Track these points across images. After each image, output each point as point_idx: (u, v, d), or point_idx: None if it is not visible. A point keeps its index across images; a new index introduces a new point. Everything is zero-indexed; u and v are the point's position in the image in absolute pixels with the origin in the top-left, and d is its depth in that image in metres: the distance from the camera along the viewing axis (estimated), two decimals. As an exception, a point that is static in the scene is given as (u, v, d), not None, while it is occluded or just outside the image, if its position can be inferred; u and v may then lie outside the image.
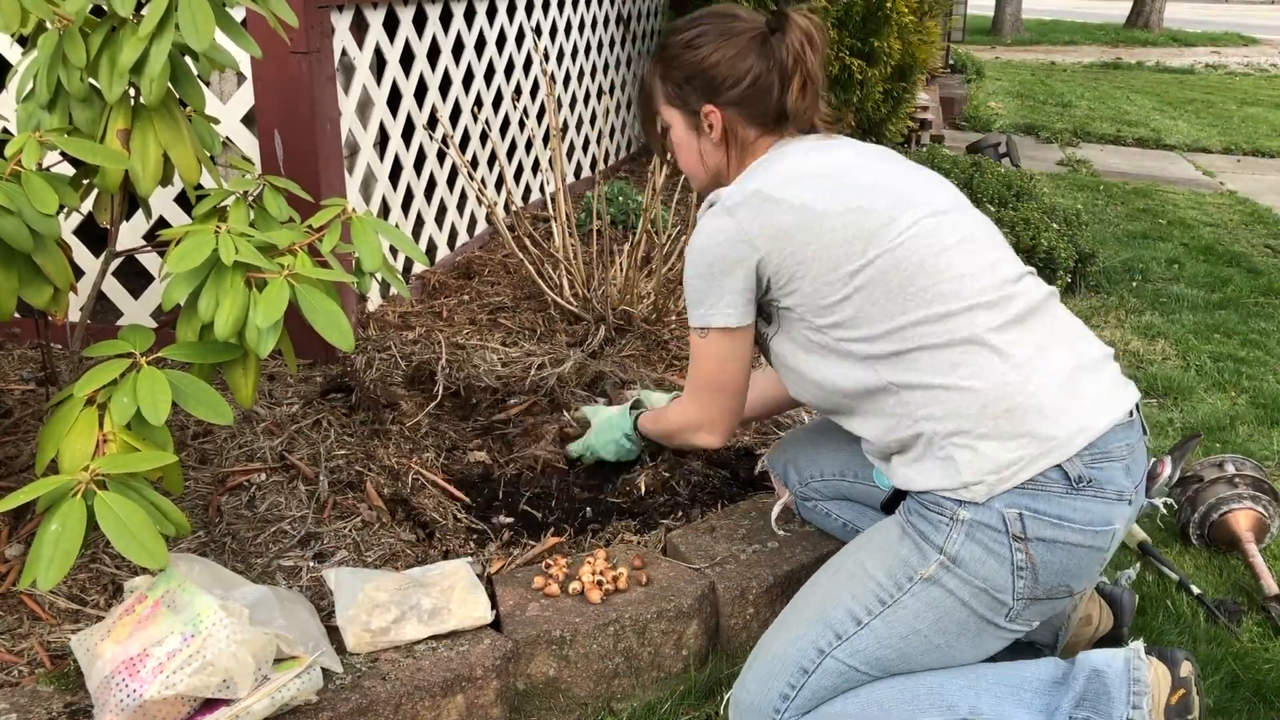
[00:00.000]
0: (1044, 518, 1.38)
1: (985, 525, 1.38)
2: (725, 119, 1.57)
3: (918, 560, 1.42)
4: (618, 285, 2.66)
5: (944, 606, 1.42)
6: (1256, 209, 5.01)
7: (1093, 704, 1.42)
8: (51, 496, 1.27)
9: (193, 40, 1.46)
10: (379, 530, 1.79)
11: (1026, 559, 1.38)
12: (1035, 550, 1.38)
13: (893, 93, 4.97)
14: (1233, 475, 1.98)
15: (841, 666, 1.44)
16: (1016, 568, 1.38)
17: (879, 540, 1.49)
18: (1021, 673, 1.46)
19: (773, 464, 1.86)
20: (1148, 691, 1.42)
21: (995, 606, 1.41)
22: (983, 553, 1.39)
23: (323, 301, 1.43)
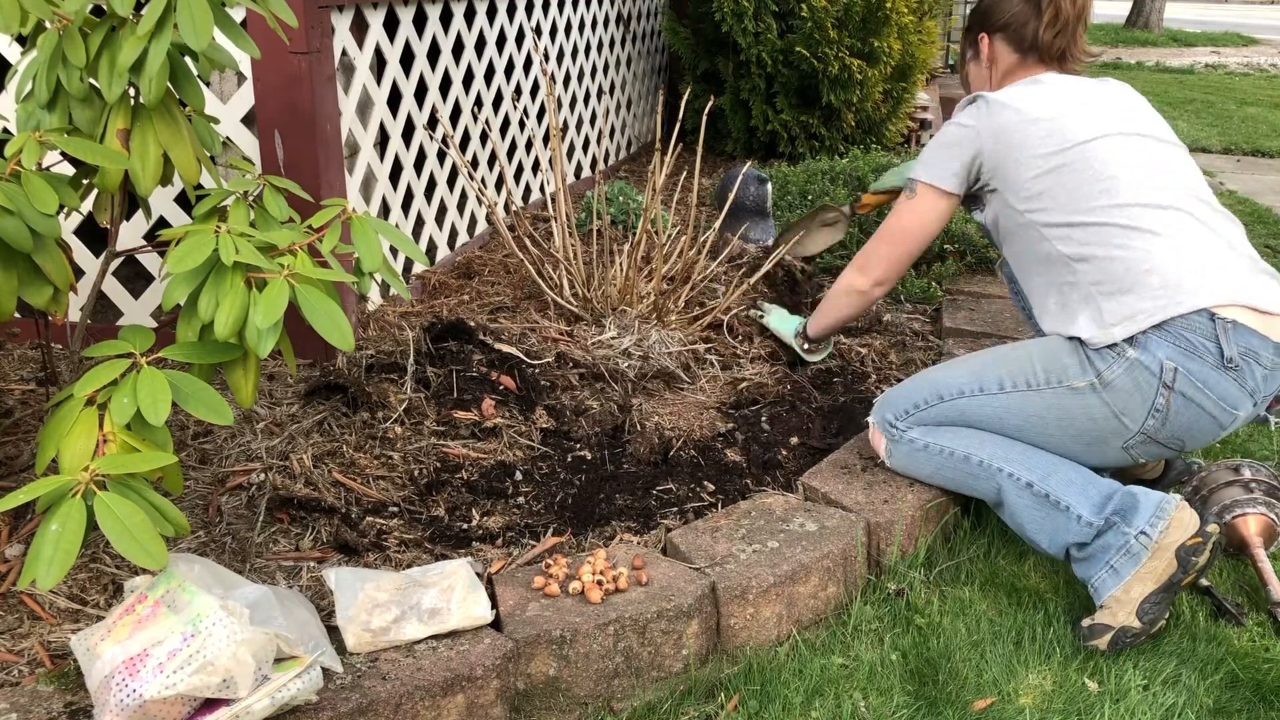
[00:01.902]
0: (1193, 378, 1.72)
1: (1145, 367, 1.73)
2: (991, 44, 2.07)
3: (1076, 373, 1.79)
4: (618, 285, 2.66)
5: (1075, 413, 1.80)
6: (1256, 209, 5.01)
7: (1122, 514, 1.72)
8: (51, 497, 1.27)
9: (191, 40, 1.46)
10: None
11: (1165, 405, 1.74)
12: (1174, 400, 1.73)
13: (893, 93, 4.97)
14: (1248, 480, 1.97)
15: (968, 409, 1.87)
16: (1154, 408, 1.75)
17: (1052, 345, 1.85)
18: (1090, 477, 1.80)
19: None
20: (1166, 520, 1.69)
21: (1120, 431, 1.79)
22: (1132, 386, 1.75)
23: (323, 301, 1.43)
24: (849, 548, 1.80)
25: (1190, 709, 1.59)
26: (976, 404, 1.87)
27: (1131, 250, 1.78)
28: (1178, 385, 1.72)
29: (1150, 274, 1.76)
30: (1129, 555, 1.70)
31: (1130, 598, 1.69)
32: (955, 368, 1.94)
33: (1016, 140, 1.88)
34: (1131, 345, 1.74)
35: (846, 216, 2.96)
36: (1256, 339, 1.74)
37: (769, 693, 1.60)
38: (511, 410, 2.19)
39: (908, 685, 1.63)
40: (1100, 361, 1.77)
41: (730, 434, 2.24)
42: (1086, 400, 1.78)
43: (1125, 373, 1.74)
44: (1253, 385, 1.75)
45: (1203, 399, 1.73)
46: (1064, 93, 1.92)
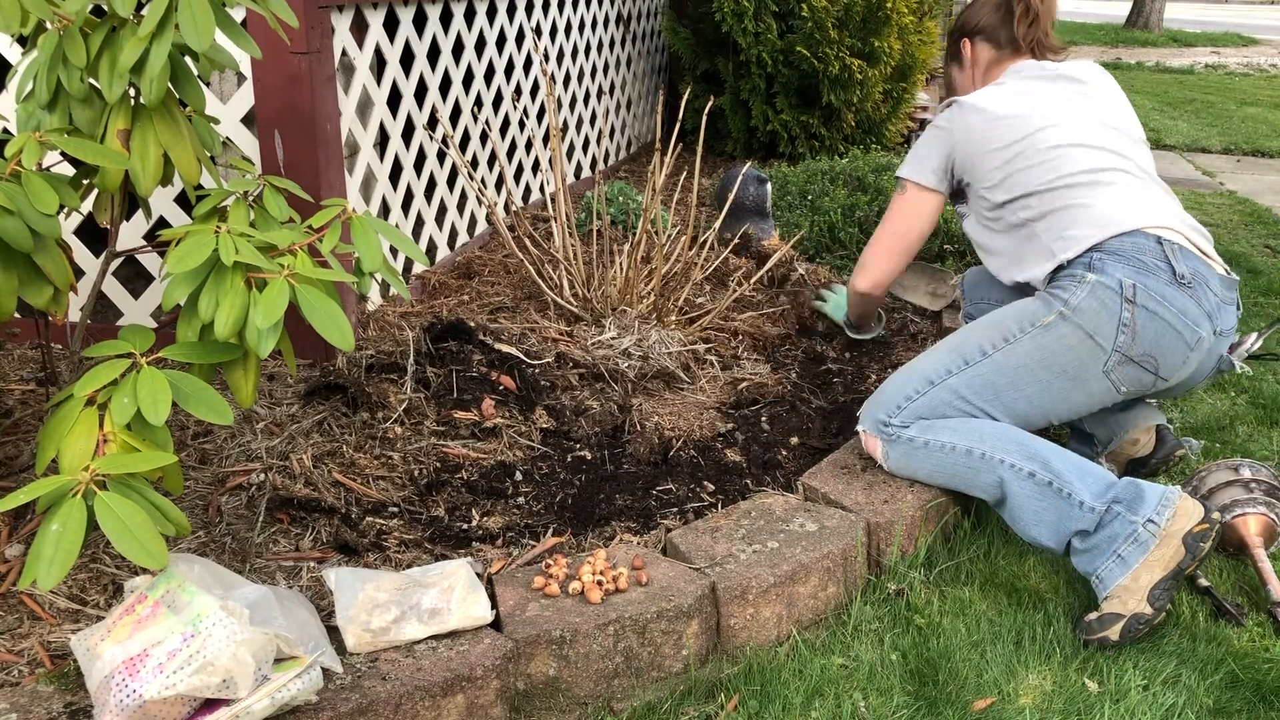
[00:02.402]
0: (1151, 292, 1.86)
1: (1106, 286, 1.86)
2: (973, 47, 2.28)
3: (1042, 311, 1.91)
4: (618, 285, 2.66)
5: (1054, 347, 1.89)
6: (1256, 209, 5.01)
7: (1126, 502, 1.75)
8: (52, 497, 1.27)
9: (193, 41, 1.46)
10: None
11: (1131, 319, 1.85)
12: (1139, 316, 1.85)
13: (893, 93, 4.97)
14: (1248, 480, 1.97)
15: (959, 386, 1.93)
16: (1121, 323, 1.86)
17: (1017, 304, 1.98)
18: (1091, 467, 1.84)
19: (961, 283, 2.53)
20: (1172, 508, 1.72)
21: (1096, 353, 1.88)
22: (1098, 305, 1.86)
23: (323, 301, 1.43)
24: (849, 548, 1.80)
25: (1190, 709, 1.59)
26: (966, 378, 1.93)
27: (1077, 199, 1.97)
28: (1139, 299, 1.85)
29: (1091, 209, 1.95)
30: (1137, 543, 1.71)
31: (1139, 585, 1.70)
32: (934, 353, 2.01)
33: (981, 139, 2.06)
34: (1089, 270, 1.89)
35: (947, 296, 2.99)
36: (1202, 265, 1.92)
37: (769, 693, 1.60)
38: (511, 410, 2.19)
39: (908, 685, 1.63)
40: (1063, 291, 1.90)
41: (730, 434, 2.24)
42: (1060, 331, 1.89)
43: (1089, 295, 1.87)
44: (1209, 307, 1.90)
45: (1164, 312, 1.86)
46: (1031, 82, 2.12)
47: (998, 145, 2.04)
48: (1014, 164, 2.03)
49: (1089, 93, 2.13)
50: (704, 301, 2.86)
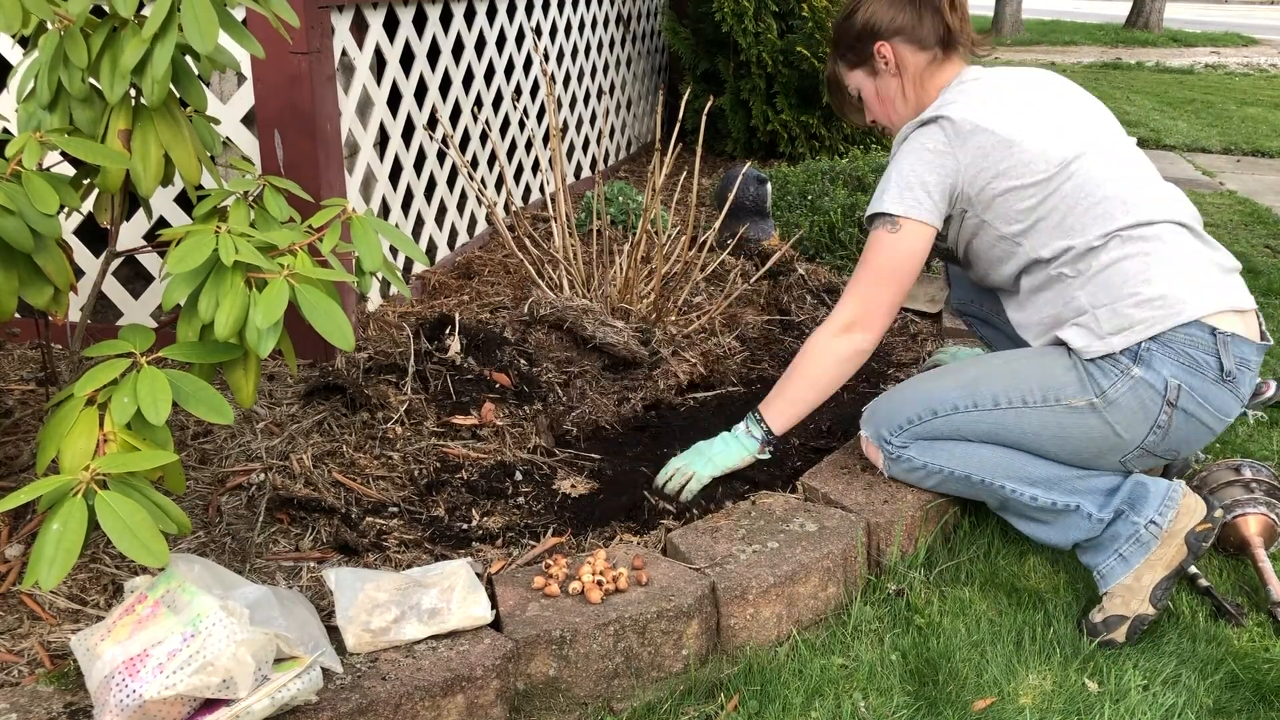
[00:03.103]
0: (1195, 394, 1.72)
1: (1150, 385, 1.72)
2: (895, 50, 1.91)
3: (1074, 391, 1.76)
4: (618, 285, 2.66)
5: (1073, 431, 1.78)
6: (1256, 209, 5.01)
7: (1131, 503, 1.74)
8: (52, 496, 1.27)
9: (196, 42, 1.46)
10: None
11: (1168, 421, 1.74)
12: (1176, 418, 1.74)
13: (893, 93, 4.97)
14: (1249, 480, 1.97)
15: (962, 425, 1.83)
16: (1156, 424, 1.74)
17: (1049, 360, 1.81)
18: (1091, 481, 1.80)
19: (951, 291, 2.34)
20: (1175, 508, 1.71)
21: (1118, 446, 1.78)
22: (1136, 405, 1.73)
23: (323, 301, 1.43)
24: (849, 548, 1.80)
25: (1190, 709, 1.59)
26: (970, 420, 1.83)
27: (1127, 260, 1.75)
28: (1181, 402, 1.72)
29: (1148, 282, 1.73)
30: (1139, 544, 1.72)
31: (1141, 585, 1.71)
32: (947, 379, 1.88)
33: (996, 168, 1.79)
34: (1136, 363, 1.72)
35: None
36: (1247, 347, 1.75)
37: (769, 693, 1.60)
38: (511, 409, 2.19)
39: (908, 685, 1.63)
40: (1104, 379, 1.74)
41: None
42: (1086, 420, 1.76)
43: (1130, 391, 1.72)
44: (1244, 392, 1.77)
45: (1202, 413, 1.74)
46: (1015, 96, 1.85)
47: (1023, 179, 1.78)
48: (1051, 204, 1.79)
49: (1086, 107, 1.90)
50: (701, 301, 2.86)
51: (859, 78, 1.98)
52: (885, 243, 1.83)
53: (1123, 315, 1.73)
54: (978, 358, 1.95)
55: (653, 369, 2.43)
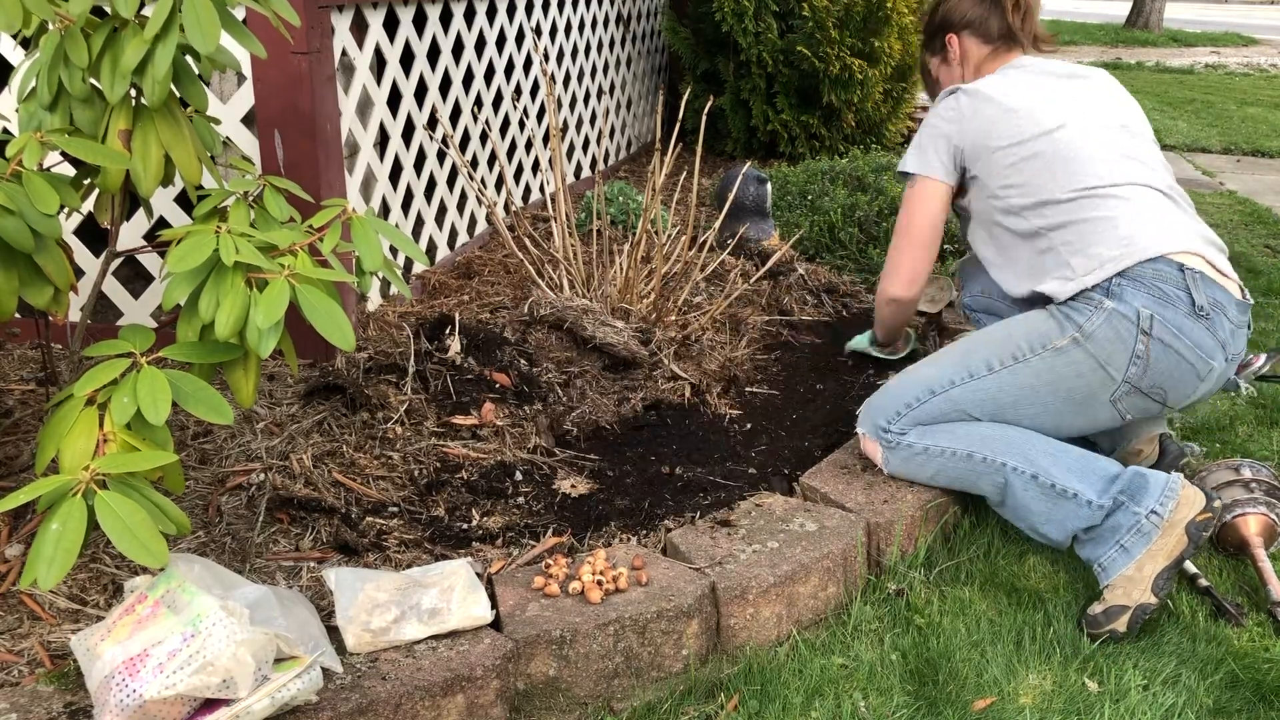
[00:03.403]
0: (1169, 324, 1.80)
1: (1123, 315, 1.81)
2: (961, 42, 2.19)
3: (1055, 334, 1.86)
4: (618, 285, 2.66)
5: (1064, 372, 1.85)
6: (1256, 209, 5.01)
7: (1130, 494, 1.76)
8: (52, 496, 1.27)
9: (198, 43, 1.46)
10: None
11: (1145, 352, 1.81)
12: (1153, 348, 1.81)
13: (893, 93, 4.97)
14: (1249, 480, 1.97)
15: (961, 398, 1.90)
16: (1135, 354, 1.81)
17: (1029, 318, 1.93)
18: (1093, 462, 1.83)
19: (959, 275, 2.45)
20: (1175, 499, 1.73)
21: (1106, 382, 1.85)
22: (1113, 334, 1.82)
23: (323, 301, 1.43)
24: (849, 548, 1.80)
25: (1190, 709, 1.59)
26: (969, 390, 1.90)
27: (1099, 212, 1.90)
28: (1155, 331, 1.80)
29: (1115, 227, 1.87)
30: (1140, 534, 1.72)
31: (1143, 575, 1.71)
32: (939, 360, 1.97)
33: (994, 131, 1.99)
34: (1108, 296, 1.83)
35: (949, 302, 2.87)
36: (1221, 292, 1.85)
37: (769, 693, 1.60)
38: (511, 409, 2.19)
39: (908, 685, 1.63)
40: (1079, 315, 1.85)
41: (729, 433, 2.24)
42: (1072, 356, 1.85)
43: (1105, 323, 1.82)
44: (1223, 336, 1.84)
45: (1180, 345, 1.81)
46: (1040, 78, 2.05)
47: (1012, 140, 1.98)
48: (1031, 164, 1.96)
49: (1100, 93, 2.07)
50: (701, 301, 2.86)
51: (936, 64, 2.27)
52: (905, 202, 2.12)
53: (1092, 256, 1.87)
54: (961, 339, 2.04)
55: (653, 369, 2.43)
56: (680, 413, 2.35)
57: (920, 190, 2.09)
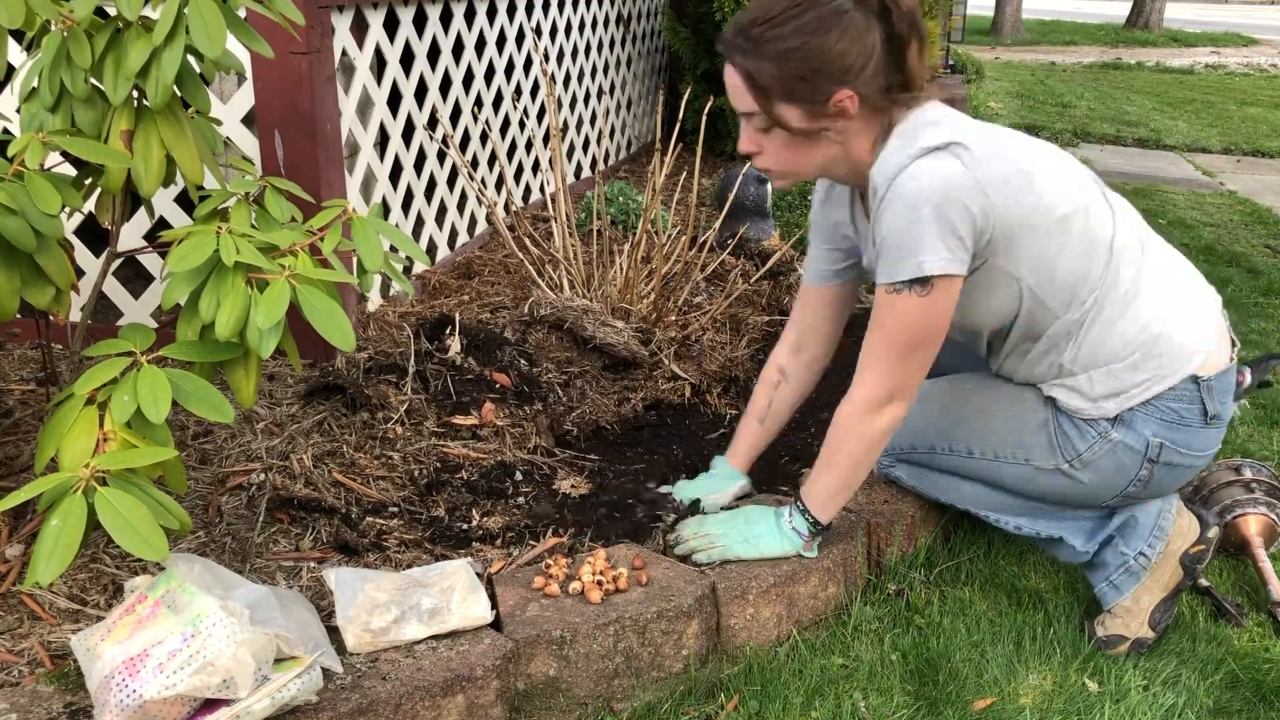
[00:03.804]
0: (1177, 447, 1.64)
1: (1129, 447, 1.63)
2: (860, 99, 1.52)
3: (1042, 454, 1.68)
4: (618, 285, 2.66)
5: (1045, 486, 1.72)
6: (1256, 209, 5.01)
7: (1120, 532, 1.72)
8: (52, 494, 1.27)
9: (204, 46, 1.46)
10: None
11: (1148, 476, 1.66)
12: (1158, 472, 1.65)
13: (893, 93, 4.96)
14: (1249, 480, 1.98)
15: (943, 464, 1.80)
16: (1136, 479, 1.66)
17: (1022, 412, 1.71)
18: (1076, 517, 1.76)
19: None
20: (1164, 540, 1.69)
21: (1092, 500, 1.71)
22: (1115, 467, 1.65)
23: (324, 301, 1.44)
24: (849, 548, 1.80)
25: (1190, 709, 1.59)
26: (950, 461, 1.81)
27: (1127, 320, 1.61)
28: (1163, 458, 1.65)
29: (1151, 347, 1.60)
30: (1129, 573, 1.72)
31: (1140, 607, 1.71)
32: (932, 412, 1.79)
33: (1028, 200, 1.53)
34: (1115, 425, 1.63)
35: None
36: (1230, 375, 1.67)
37: (769, 693, 1.60)
38: (511, 409, 2.19)
39: (908, 685, 1.63)
40: (1080, 441, 1.65)
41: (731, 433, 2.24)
42: (1055, 480, 1.71)
43: (1108, 454, 1.65)
44: (1231, 414, 1.70)
45: (1186, 460, 1.66)
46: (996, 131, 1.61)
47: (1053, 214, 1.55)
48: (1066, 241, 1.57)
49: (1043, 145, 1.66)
50: (702, 301, 2.86)
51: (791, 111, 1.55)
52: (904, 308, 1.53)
53: (1117, 378, 1.62)
54: (960, 386, 1.80)
55: (653, 369, 2.43)
56: (681, 413, 2.35)
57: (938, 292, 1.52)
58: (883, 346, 1.57)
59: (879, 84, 1.53)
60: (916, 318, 1.53)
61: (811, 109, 1.54)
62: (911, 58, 1.54)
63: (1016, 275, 1.57)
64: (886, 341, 1.56)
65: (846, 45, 1.50)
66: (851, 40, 1.50)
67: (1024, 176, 1.53)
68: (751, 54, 1.52)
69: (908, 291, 1.51)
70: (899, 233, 1.49)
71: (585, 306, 2.42)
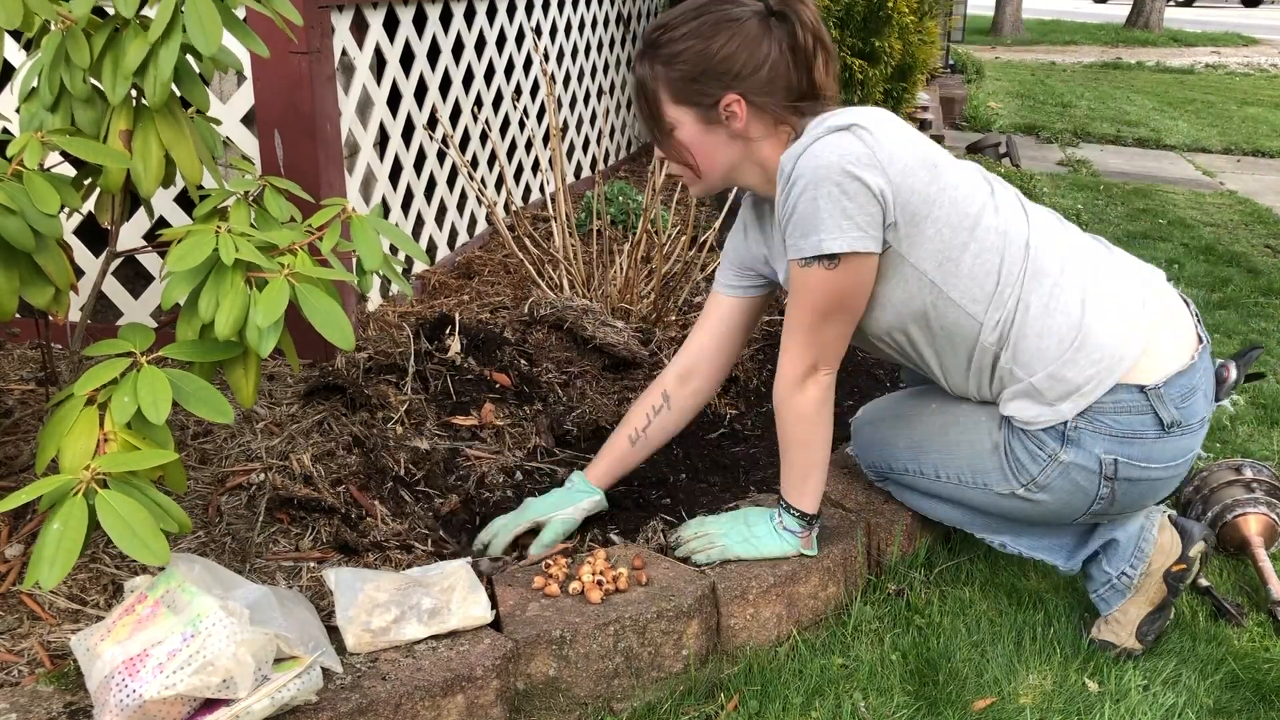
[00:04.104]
0: (1135, 462, 1.59)
1: (1082, 467, 1.59)
2: (750, 106, 1.56)
3: (996, 480, 1.67)
4: (618, 285, 2.66)
5: (1010, 509, 1.71)
6: (1256, 209, 5.01)
7: (1104, 550, 1.71)
8: (53, 496, 1.27)
9: (200, 44, 1.46)
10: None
11: (1110, 493, 1.62)
12: (1119, 488, 1.61)
13: (893, 93, 4.97)
14: (1250, 480, 1.98)
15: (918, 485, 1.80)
16: (1099, 497, 1.62)
17: (977, 437, 1.68)
18: (1056, 535, 1.75)
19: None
20: (1145, 561, 1.68)
21: (1061, 518, 1.69)
22: (1071, 487, 1.62)
23: (323, 301, 1.43)
24: (849, 548, 1.80)
25: (1190, 709, 1.59)
26: (923, 484, 1.80)
27: (1055, 317, 1.57)
28: (1120, 474, 1.59)
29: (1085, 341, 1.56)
30: (1114, 590, 1.73)
31: (1129, 619, 1.72)
32: (900, 434, 1.81)
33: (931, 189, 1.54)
34: (1063, 444, 1.59)
35: None
36: (1186, 376, 1.58)
37: (769, 693, 1.60)
38: (511, 409, 2.19)
39: (908, 685, 1.63)
40: (1032, 465, 1.62)
41: (731, 433, 2.24)
42: (1016, 504, 1.69)
43: (1061, 475, 1.61)
44: (1201, 416, 1.61)
45: (1150, 473, 1.60)
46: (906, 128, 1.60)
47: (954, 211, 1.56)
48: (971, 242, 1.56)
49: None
50: (702, 300, 2.85)
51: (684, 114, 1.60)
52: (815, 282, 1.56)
53: (1065, 381, 1.57)
54: (926, 404, 1.79)
55: (653, 369, 2.43)
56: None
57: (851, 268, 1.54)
58: (798, 318, 1.59)
59: (779, 92, 1.56)
60: (828, 289, 1.55)
61: (702, 112, 1.58)
62: (818, 70, 1.57)
63: (920, 268, 1.56)
64: (801, 314, 1.59)
65: (734, 49, 1.54)
66: (740, 45, 1.54)
67: (929, 167, 1.54)
68: (646, 59, 1.60)
69: (816, 265, 1.54)
70: (802, 208, 1.51)
71: (585, 306, 2.42)
